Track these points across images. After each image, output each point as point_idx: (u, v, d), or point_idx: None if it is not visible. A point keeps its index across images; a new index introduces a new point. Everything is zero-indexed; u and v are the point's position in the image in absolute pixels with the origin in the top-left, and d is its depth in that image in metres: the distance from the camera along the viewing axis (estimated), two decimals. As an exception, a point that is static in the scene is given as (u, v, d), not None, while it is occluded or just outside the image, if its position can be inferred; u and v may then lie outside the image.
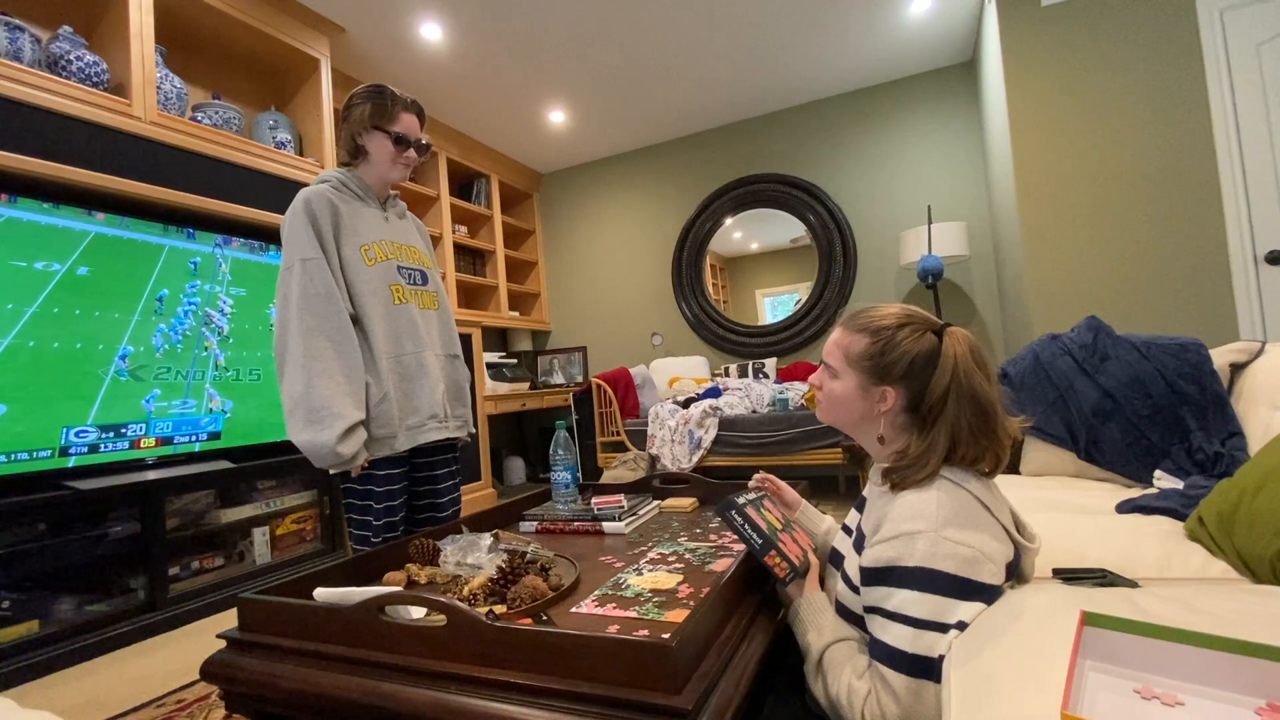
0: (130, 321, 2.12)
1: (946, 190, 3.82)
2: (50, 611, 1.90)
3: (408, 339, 1.41)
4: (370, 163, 1.43)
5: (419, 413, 1.41)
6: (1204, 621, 0.59)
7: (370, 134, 1.40)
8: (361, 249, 1.38)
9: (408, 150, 1.43)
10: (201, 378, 2.33)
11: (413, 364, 1.41)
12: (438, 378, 1.46)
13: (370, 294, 1.36)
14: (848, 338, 0.89)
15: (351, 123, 1.41)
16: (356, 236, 1.38)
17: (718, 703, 0.68)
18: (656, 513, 1.54)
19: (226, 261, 2.46)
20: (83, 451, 1.99)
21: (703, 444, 3.42)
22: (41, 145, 1.90)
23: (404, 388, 1.40)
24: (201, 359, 2.34)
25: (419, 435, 1.41)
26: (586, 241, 4.92)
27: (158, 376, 2.19)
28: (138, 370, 2.14)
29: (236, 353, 2.46)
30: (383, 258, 1.41)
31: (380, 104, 1.40)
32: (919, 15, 3.22)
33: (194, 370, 2.31)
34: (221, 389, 2.40)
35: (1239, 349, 1.59)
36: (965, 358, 0.82)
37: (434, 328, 1.49)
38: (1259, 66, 2.42)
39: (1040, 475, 1.78)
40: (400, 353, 1.40)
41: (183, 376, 2.27)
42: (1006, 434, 0.83)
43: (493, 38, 3.13)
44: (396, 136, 1.41)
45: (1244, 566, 1.01)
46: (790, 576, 0.91)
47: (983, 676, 0.58)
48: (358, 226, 1.39)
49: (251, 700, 0.92)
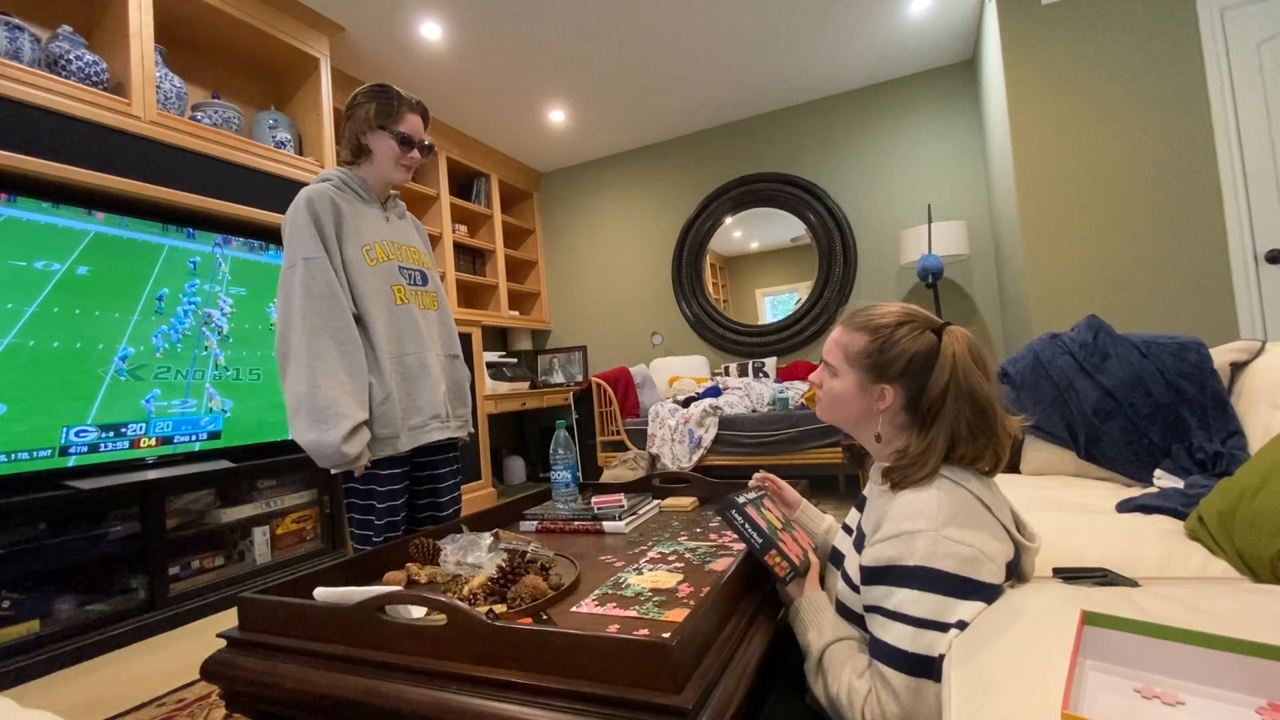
0: (130, 321, 2.13)
1: (947, 189, 3.82)
2: (51, 611, 1.90)
3: (410, 339, 1.41)
4: (373, 163, 1.43)
5: (421, 413, 1.41)
6: (1204, 621, 0.59)
7: (375, 133, 1.40)
8: (363, 249, 1.37)
9: (412, 151, 1.43)
10: (201, 377, 2.33)
11: (415, 364, 1.41)
12: (439, 378, 1.47)
13: (372, 294, 1.36)
14: (847, 336, 0.90)
15: (356, 121, 1.41)
16: (359, 236, 1.37)
17: (718, 702, 0.68)
18: (656, 512, 1.54)
19: (226, 261, 2.46)
20: (83, 451, 1.99)
21: (703, 443, 3.42)
22: (41, 145, 1.90)
23: (406, 388, 1.40)
24: (202, 358, 2.34)
25: (421, 435, 1.41)
26: (586, 241, 4.92)
27: (158, 376, 2.19)
28: (138, 370, 2.14)
29: (236, 352, 2.47)
30: (384, 258, 1.40)
31: (386, 103, 1.40)
32: (919, 14, 3.22)
33: (194, 370, 2.31)
34: (221, 389, 2.40)
35: (1239, 348, 1.59)
36: (964, 356, 0.81)
37: (434, 328, 1.49)
38: (1259, 65, 2.42)
39: (1040, 474, 1.78)
40: (403, 353, 1.40)
41: (183, 376, 2.27)
42: (1006, 433, 0.82)
43: (493, 37, 3.13)
44: (401, 137, 1.41)
45: (1244, 566, 1.01)
46: (790, 576, 0.91)
47: (983, 676, 0.58)
48: (360, 226, 1.38)
49: (252, 700, 0.92)
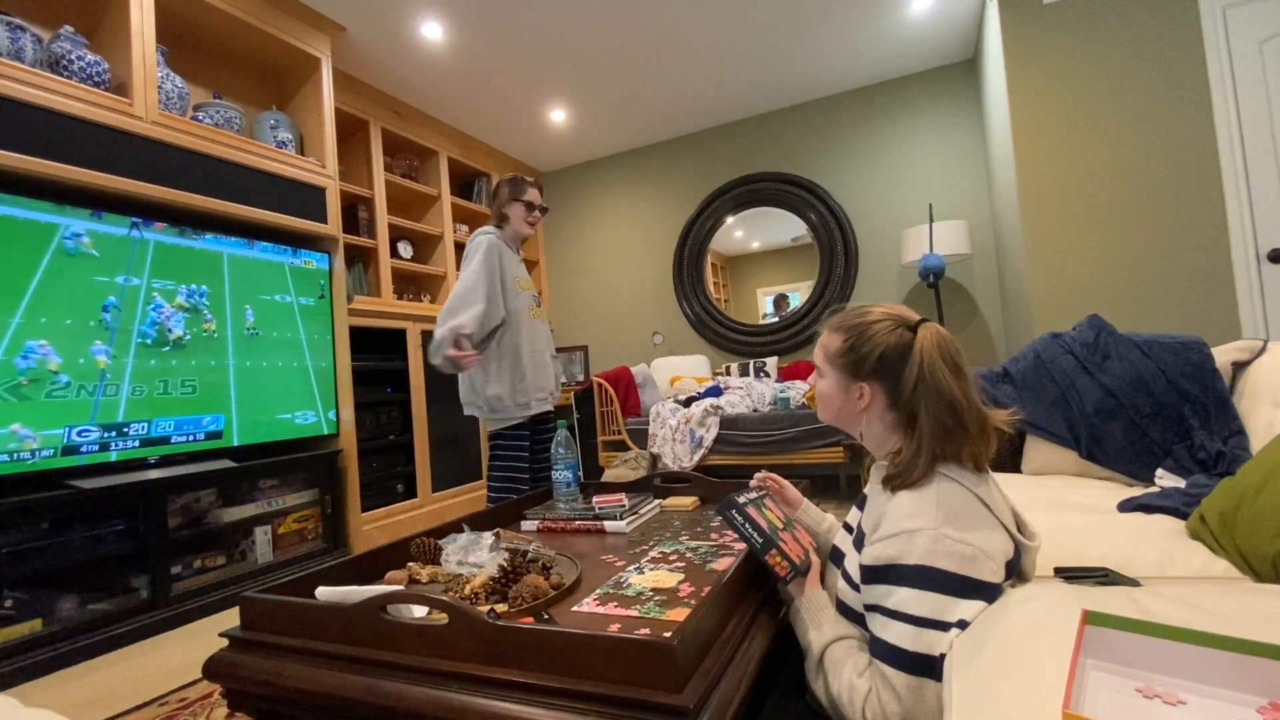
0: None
1: (948, 188, 3.82)
2: (53, 610, 1.90)
3: (539, 341, 2.08)
4: (511, 224, 2.07)
5: (542, 390, 2.06)
6: (1206, 620, 0.59)
7: (511, 205, 2.07)
8: (515, 280, 2.04)
9: (534, 212, 2.09)
10: (202, 376, 2.34)
11: (541, 359, 2.07)
12: (553, 369, 2.13)
13: (520, 309, 2.02)
14: (827, 336, 0.92)
15: (499, 199, 2.09)
16: (511, 270, 2.03)
17: (719, 701, 0.68)
18: (658, 511, 1.54)
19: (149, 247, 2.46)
20: (85, 451, 2.00)
21: (704, 443, 3.42)
22: (42, 144, 1.90)
23: (535, 373, 2.03)
24: (200, 357, 2.34)
25: (541, 406, 2.06)
26: (587, 240, 4.92)
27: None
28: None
29: (238, 352, 2.47)
30: (525, 289, 2.08)
31: (518, 185, 2.08)
32: (920, 13, 3.21)
33: (193, 368, 2.31)
34: (221, 389, 2.40)
35: (1241, 347, 1.59)
36: (931, 352, 0.81)
37: (546, 335, 2.13)
38: (1261, 64, 2.41)
39: (1042, 474, 1.78)
40: (534, 349, 2.05)
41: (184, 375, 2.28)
42: (983, 429, 0.81)
43: (493, 37, 3.13)
44: (528, 204, 2.07)
45: (1246, 565, 1.00)
46: (791, 575, 0.91)
47: (984, 675, 0.58)
48: (508, 264, 2.03)
49: (253, 699, 0.92)
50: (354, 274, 3.41)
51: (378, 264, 3.47)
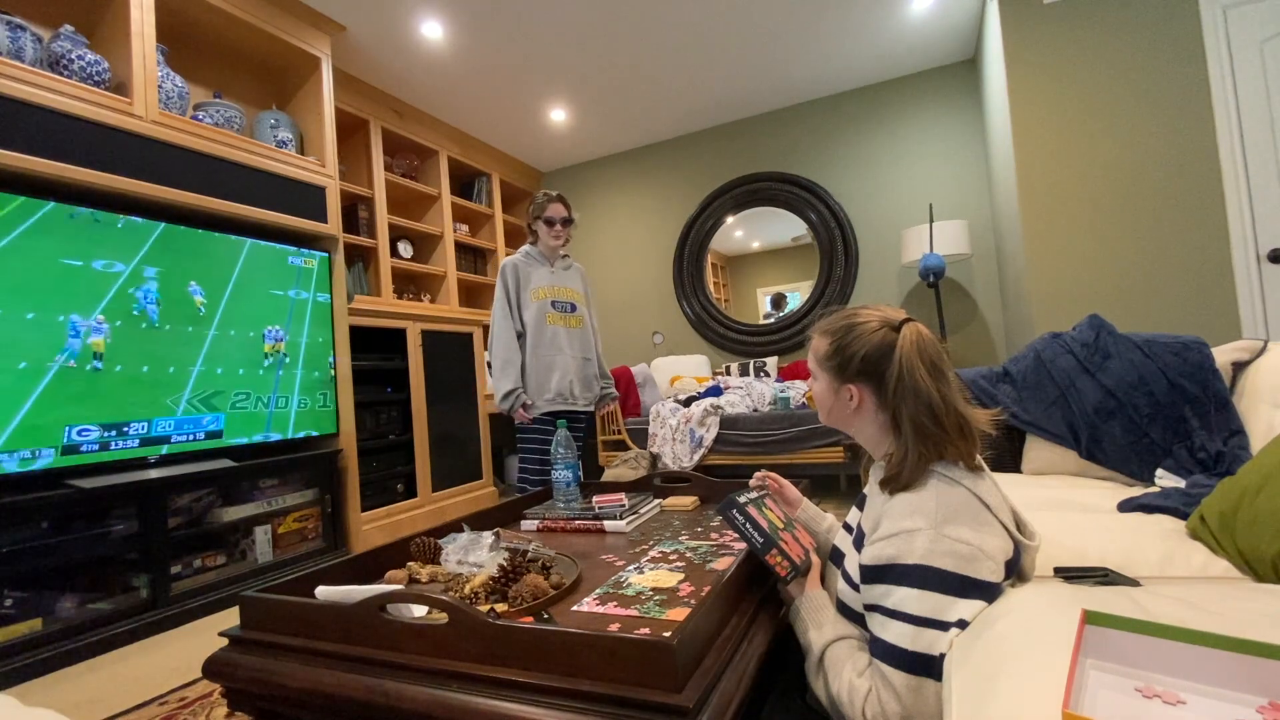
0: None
1: (948, 188, 3.81)
2: (53, 610, 1.90)
3: (550, 346, 2.24)
4: (539, 239, 2.29)
5: (550, 390, 2.23)
6: (1206, 620, 0.59)
7: (536, 223, 2.29)
8: (533, 291, 2.24)
9: (555, 227, 2.27)
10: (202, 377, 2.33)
11: (547, 362, 2.23)
12: (567, 371, 2.25)
13: (535, 317, 2.23)
14: (816, 340, 0.93)
15: (528, 219, 2.32)
16: (530, 284, 2.25)
17: (719, 701, 0.68)
18: (658, 511, 1.54)
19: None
20: (85, 450, 2.00)
21: (704, 442, 3.42)
22: (42, 144, 1.90)
23: (541, 375, 2.22)
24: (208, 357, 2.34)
25: (549, 405, 2.23)
26: (587, 240, 4.92)
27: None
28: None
29: (238, 352, 2.47)
30: (542, 296, 2.25)
31: (539, 203, 2.29)
32: (920, 13, 3.21)
33: (195, 370, 2.31)
34: (221, 388, 2.40)
35: (1241, 347, 1.59)
36: (909, 351, 0.81)
37: (575, 340, 2.30)
38: (1262, 64, 2.41)
39: (1042, 474, 1.78)
40: (541, 353, 2.23)
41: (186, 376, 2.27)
42: (961, 430, 0.80)
43: (494, 36, 3.13)
44: (548, 220, 2.27)
45: (1245, 565, 1.01)
46: (791, 575, 0.91)
47: (984, 675, 0.58)
48: (531, 276, 2.26)
49: (253, 698, 0.92)
50: (354, 273, 3.41)
51: (378, 263, 3.47)
